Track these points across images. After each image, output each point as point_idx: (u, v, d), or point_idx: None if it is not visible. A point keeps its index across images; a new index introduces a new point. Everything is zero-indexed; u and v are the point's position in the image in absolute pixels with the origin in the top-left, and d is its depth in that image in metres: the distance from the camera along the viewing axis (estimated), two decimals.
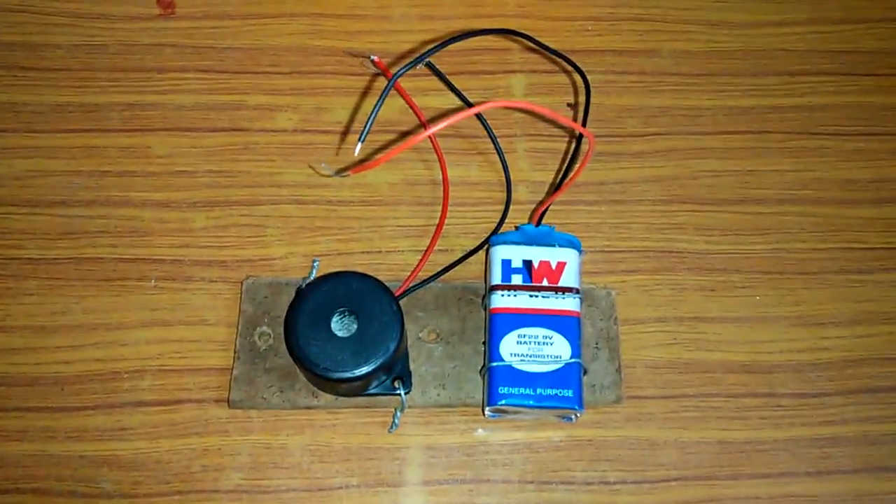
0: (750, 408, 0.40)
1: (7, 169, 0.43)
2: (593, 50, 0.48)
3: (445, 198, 0.43)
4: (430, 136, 0.43)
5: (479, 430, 0.39)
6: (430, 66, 0.43)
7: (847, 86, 0.48)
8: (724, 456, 0.39)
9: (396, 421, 0.38)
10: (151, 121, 0.45)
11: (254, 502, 0.37)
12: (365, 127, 0.31)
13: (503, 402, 0.36)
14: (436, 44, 0.37)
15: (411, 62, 0.35)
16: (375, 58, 0.43)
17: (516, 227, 0.41)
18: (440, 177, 0.44)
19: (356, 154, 0.31)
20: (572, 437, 0.39)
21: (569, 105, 0.46)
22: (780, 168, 0.45)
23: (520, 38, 0.44)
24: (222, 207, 0.43)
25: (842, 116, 0.47)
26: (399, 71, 0.33)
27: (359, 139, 0.30)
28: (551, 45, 0.46)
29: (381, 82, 0.46)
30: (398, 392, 0.38)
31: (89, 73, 0.46)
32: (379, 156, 0.35)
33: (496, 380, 0.36)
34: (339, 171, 0.41)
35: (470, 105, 0.43)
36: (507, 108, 0.43)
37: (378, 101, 0.31)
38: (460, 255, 0.42)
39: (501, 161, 0.43)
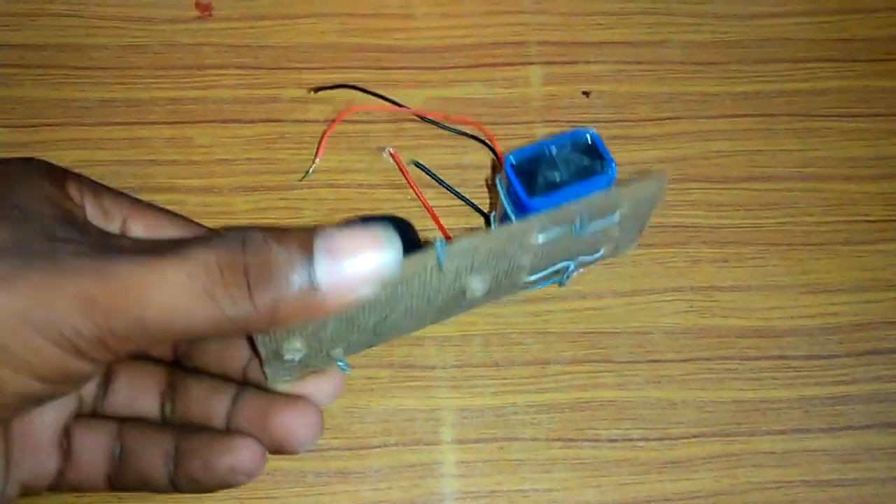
0: (763, 369, 0.42)
1: (59, 160, 0.44)
2: (605, 42, 0.50)
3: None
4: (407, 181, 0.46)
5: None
6: (418, 165, 0.46)
7: (846, 71, 0.50)
8: (740, 414, 0.41)
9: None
10: (193, 114, 0.47)
11: (295, 459, 0.39)
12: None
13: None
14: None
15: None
16: (391, 150, 0.46)
17: None
18: (465, 160, 0.46)
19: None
20: (595, 399, 0.41)
21: (584, 93, 0.49)
22: (785, 148, 0.48)
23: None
24: (261, 192, 0.46)
25: (842, 99, 0.49)
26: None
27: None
28: (566, 39, 0.50)
29: (401, 75, 0.49)
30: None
31: (133, 71, 0.49)
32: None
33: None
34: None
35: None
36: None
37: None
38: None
39: None
